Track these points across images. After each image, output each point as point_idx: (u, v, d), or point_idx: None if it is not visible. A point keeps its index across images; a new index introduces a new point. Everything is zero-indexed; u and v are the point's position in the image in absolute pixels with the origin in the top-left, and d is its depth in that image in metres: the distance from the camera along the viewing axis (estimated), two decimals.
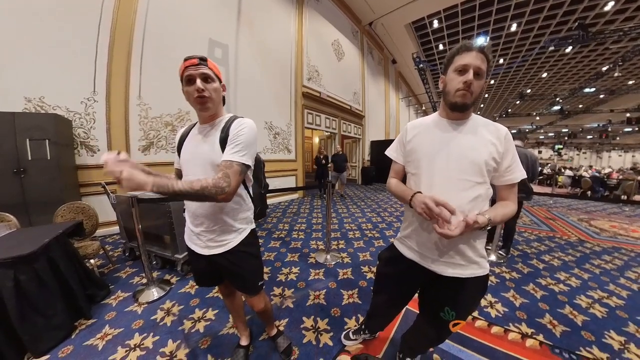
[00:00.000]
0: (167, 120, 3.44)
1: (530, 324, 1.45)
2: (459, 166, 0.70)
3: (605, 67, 8.97)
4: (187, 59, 0.75)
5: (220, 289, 1.09)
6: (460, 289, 0.75)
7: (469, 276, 0.73)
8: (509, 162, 0.71)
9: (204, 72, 0.76)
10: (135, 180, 0.59)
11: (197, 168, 0.82)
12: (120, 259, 2.32)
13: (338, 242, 2.80)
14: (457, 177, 0.70)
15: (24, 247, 1.23)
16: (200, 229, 0.86)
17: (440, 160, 0.73)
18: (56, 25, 2.55)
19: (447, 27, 8.33)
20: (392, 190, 0.87)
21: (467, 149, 0.71)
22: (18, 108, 2.37)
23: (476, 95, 0.69)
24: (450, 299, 0.76)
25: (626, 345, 1.28)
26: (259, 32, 4.77)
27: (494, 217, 0.67)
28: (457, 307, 0.76)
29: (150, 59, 3.21)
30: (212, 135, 0.82)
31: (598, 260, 2.43)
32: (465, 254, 0.73)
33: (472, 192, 0.70)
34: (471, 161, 0.70)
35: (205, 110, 0.79)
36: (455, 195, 0.69)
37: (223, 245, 0.87)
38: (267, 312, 1.10)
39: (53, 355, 1.19)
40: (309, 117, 6.06)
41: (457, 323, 0.77)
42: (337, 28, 7.08)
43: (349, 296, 1.73)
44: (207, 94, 0.76)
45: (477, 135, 0.72)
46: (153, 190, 0.62)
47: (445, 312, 0.77)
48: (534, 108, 17.25)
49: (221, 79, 0.83)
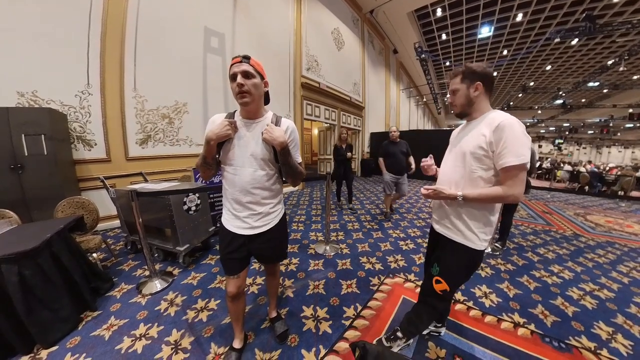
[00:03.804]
0: (163, 113, 3.39)
1: (522, 314, 1.50)
2: (455, 154, 0.95)
3: (611, 60, 8.79)
4: (233, 58, 0.87)
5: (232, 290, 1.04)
6: (445, 249, 0.98)
7: (452, 239, 0.95)
8: (500, 149, 0.81)
9: (245, 69, 0.85)
10: (278, 133, 0.88)
11: (248, 162, 0.93)
12: (122, 252, 2.35)
13: (337, 234, 2.84)
14: (452, 162, 0.97)
15: (27, 243, 1.24)
16: (246, 213, 0.98)
17: (448, 152, 1.03)
18: (44, 15, 2.44)
19: (451, 16, 8.08)
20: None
21: (465, 141, 0.92)
22: (11, 103, 2.31)
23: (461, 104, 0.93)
24: (438, 256, 1.01)
25: (614, 336, 1.33)
26: (256, 20, 4.61)
27: (468, 194, 0.85)
28: (441, 263, 0.98)
29: (145, 49, 3.12)
30: (259, 133, 0.93)
31: (592, 254, 2.48)
32: (452, 220, 0.95)
33: (458, 174, 0.92)
34: (461, 151, 0.92)
35: (245, 105, 0.88)
36: (450, 175, 0.96)
37: (268, 223, 1.03)
38: (278, 281, 1.34)
39: (61, 346, 1.22)
40: (308, 108, 5.97)
41: (438, 280, 0.97)
42: (337, 16, 6.85)
43: (348, 286, 1.77)
44: (246, 89, 0.84)
45: (475, 130, 0.89)
46: (280, 150, 0.88)
47: (433, 266, 1.00)
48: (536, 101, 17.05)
49: (264, 75, 0.91)
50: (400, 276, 1.92)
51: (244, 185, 0.94)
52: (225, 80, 4.09)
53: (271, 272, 1.26)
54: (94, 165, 2.87)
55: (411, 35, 9.04)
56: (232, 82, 0.86)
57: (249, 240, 1.02)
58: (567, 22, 7.73)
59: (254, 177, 0.94)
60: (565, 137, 18.32)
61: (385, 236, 2.80)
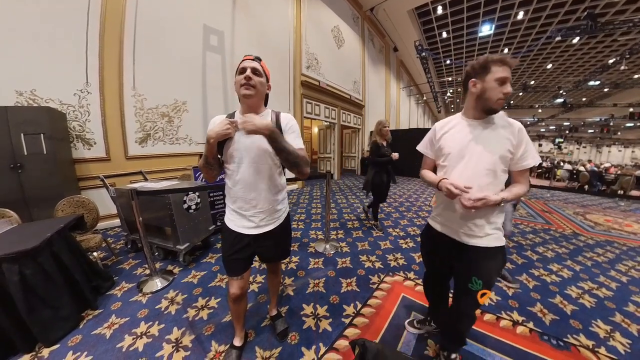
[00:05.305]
0: (163, 111, 3.38)
1: (521, 312, 1.50)
2: (483, 158, 0.87)
3: (612, 59, 8.75)
4: (246, 55, 0.92)
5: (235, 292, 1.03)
6: (482, 259, 0.89)
7: (486, 245, 0.88)
8: (522, 152, 0.85)
9: (256, 67, 0.90)
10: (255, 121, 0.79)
11: (252, 155, 0.92)
12: (122, 251, 2.35)
13: (337, 232, 2.84)
14: (480, 167, 0.87)
15: (27, 242, 1.24)
16: (252, 211, 0.98)
17: (468, 154, 0.89)
18: (42, 13, 2.42)
19: (452, 14, 8.03)
20: (424, 178, 1.05)
21: (488, 144, 0.87)
22: (10, 102, 2.30)
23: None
24: (475, 268, 0.89)
25: (612, 334, 1.34)
26: (256, 18, 4.58)
27: (508, 196, 0.84)
28: (482, 276, 0.88)
29: (144, 47, 3.10)
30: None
31: (590, 253, 2.49)
32: (481, 226, 0.88)
33: (492, 177, 0.87)
34: (492, 153, 0.86)
35: (248, 97, 0.90)
36: (477, 180, 0.86)
37: (274, 222, 1.03)
38: (280, 279, 1.35)
39: (63, 345, 1.23)
40: (308, 107, 5.95)
41: (484, 293, 0.88)
42: (337, 13, 6.81)
43: (348, 284, 1.78)
44: (253, 83, 0.88)
45: (496, 132, 0.87)
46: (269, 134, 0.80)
47: (472, 282, 0.88)
48: (536, 100, 17.01)
49: (269, 78, 0.98)
50: (400, 274, 1.93)
51: (248, 181, 0.94)
52: (224, 79, 4.07)
53: (273, 270, 1.27)
54: (93, 164, 2.86)
55: (411, 33, 8.99)
56: (239, 75, 0.89)
57: (254, 239, 1.01)
58: (569, 21, 7.69)
59: (258, 171, 0.94)
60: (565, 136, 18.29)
61: (384, 235, 2.81)
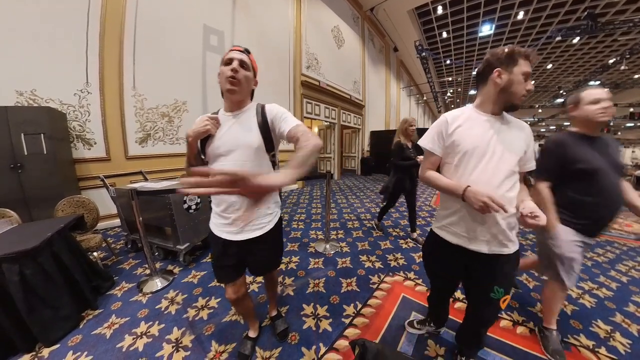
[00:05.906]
0: (163, 111, 3.38)
1: (521, 312, 1.50)
2: (504, 158, 0.80)
3: (612, 59, 8.75)
4: (234, 46, 0.84)
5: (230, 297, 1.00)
6: (504, 266, 0.86)
7: (509, 252, 0.84)
8: (530, 153, 0.84)
9: (244, 59, 0.82)
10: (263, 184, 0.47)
11: (237, 152, 0.84)
12: (122, 251, 2.35)
13: (337, 232, 2.84)
14: (503, 167, 0.80)
15: (27, 242, 1.24)
16: (235, 215, 0.88)
17: (489, 152, 0.81)
18: (42, 13, 2.42)
19: (452, 14, 8.02)
20: (433, 183, 0.91)
21: (510, 143, 0.81)
22: (10, 102, 2.30)
23: None
24: (496, 277, 0.86)
25: (612, 334, 1.34)
26: (256, 18, 4.58)
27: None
28: (504, 283, 0.86)
29: (144, 47, 3.10)
30: (248, 120, 0.87)
31: (591, 253, 2.48)
32: (508, 234, 0.83)
33: (513, 179, 0.82)
34: (513, 153, 0.81)
35: (232, 93, 0.82)
36: (500, 182, 0.79)
37: (261, 228, 0.92)
38: (276, 283, 1.32)
39: (63, 345, 1.23)
40: (308, 107, 5.95)
41: (505, 299, 0.87)
42: (337, 13, 6.81)
43: (348, 284, 1.78)
44: (239, 77, 0.80)
45: (513, 130, 0.83)
46: (289, 182, 0.54)
47: (495, 291, 0.86)
48: (536, 100, 17.02)
49: (257, 73, 0.90)
50: (400, 274, 1.93)
51: None
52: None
53: (268, 276, 1.21)
54: (93, 164, 2.86)
55: (412, 33, 8.99)
56: (225, 66, 0.80)
57: (239, 246, 0.92)
58: (569, 21, 7.69)
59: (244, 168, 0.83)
60: None
61: (385, 234, 2.81)
